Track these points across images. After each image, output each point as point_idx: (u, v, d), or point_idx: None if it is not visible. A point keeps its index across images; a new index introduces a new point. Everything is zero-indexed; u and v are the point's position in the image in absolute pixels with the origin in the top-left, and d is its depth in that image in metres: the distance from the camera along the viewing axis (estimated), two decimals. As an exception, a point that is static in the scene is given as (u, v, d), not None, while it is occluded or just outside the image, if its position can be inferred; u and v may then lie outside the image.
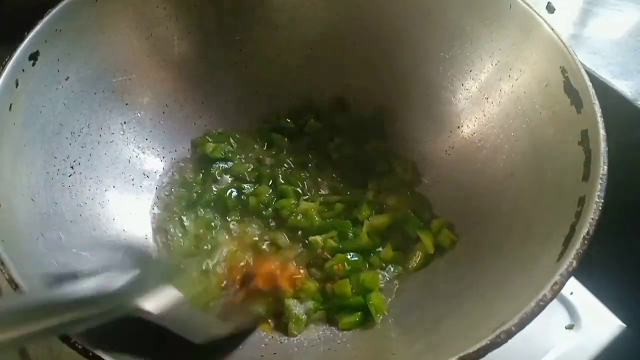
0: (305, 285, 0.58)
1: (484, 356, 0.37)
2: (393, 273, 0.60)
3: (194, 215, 0.64)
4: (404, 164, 0.67)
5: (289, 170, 0.68)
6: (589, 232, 0.41)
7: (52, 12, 0.53)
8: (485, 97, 0.61)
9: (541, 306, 0.38)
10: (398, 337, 0.53)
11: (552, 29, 0.53)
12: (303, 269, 0.60)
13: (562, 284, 0.39)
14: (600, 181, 0.43)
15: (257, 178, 0.67)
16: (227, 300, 0.57)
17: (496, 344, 0.37)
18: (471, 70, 0.62)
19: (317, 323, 0.57)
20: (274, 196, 0.66)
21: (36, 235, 0.48)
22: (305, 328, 0.56)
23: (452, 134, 0.64)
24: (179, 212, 0.64)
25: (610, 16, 0.79)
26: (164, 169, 0.66)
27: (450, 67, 0.63)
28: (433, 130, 0.66)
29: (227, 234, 0.63)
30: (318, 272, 0.60)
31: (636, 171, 0.65)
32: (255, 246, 0.62)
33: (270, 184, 0.67)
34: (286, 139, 0.71)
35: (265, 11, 0.67)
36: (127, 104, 0.63)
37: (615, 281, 0.65)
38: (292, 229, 0.63)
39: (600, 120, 0.47)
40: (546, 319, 0.60)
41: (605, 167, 0.44)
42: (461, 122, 0.64)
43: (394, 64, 0.67)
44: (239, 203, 0.65)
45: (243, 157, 0.69)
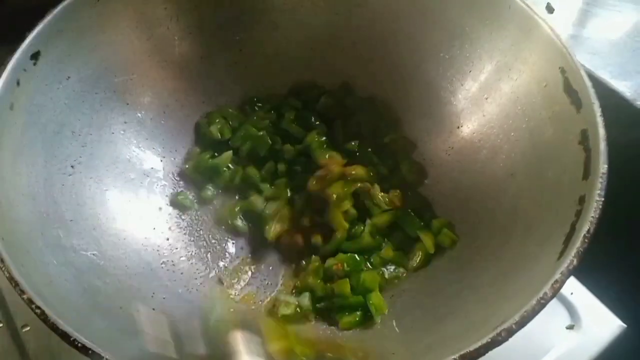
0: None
1: (484, 354, 0.37)
2: (393, 273, 0.60)
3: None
4: (410, 164, 0.67)
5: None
6: (589, 230, 0.41)
7: (53, 12, 0.53)
8: (485, 97, 0.61)
9: (542, 304, 0.38)
10: (398, 336, 0.53)
11: (552, 29, 0.53)
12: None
13: (563, 282, 0.39)
14: (600, 180, 0.43)
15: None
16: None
17: (497, 342, 0.37)
18: (471, 71, 0.62)
19: (310, 319, 0.57)
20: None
21: (36, 234, 0.48)
22: (297, 319, 0.57)
23: (452, 134, 0.65)
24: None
25: (609, 17, 0.79)
26: (164, 168, 0.66)
27: (450, 67, 0.63)
28: (433, 130, 0.66)
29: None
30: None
31: (636, 171, 0.65)
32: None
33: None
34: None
35: (265, 11, 0.67)
36: (128, 104, 0.63)
37: (615, 281, 0.65)
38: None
39: (599, 119, 0.47)
40: (546, 319, 0.60)
41: (606, 166, 0.44)
42: (461, 122, 0.64)
43: (394, 64, 0.67)
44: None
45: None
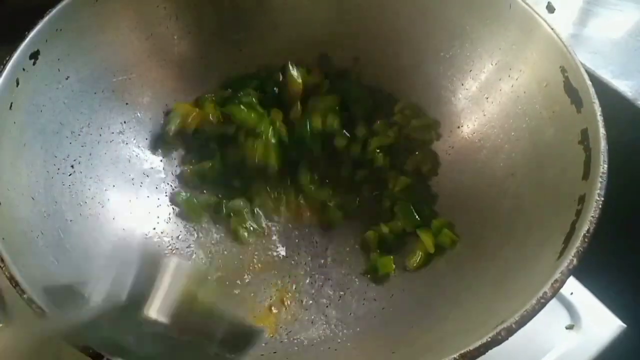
0: None
1: (484, 353, 0.37)
2: (393, 273, 0.60)
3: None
4: (426, 154, 0.66)
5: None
6: (589, 230, 0.41)
7: (53, 12, 0.53)
8: (485, 97, 0.61)
9: (542, 303, 0.38)
10: (398, 336, 0.53)
11: (552, 28, 0.53)
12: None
13: (563, 282, 0.39)
14: (600, 179, 0.43)
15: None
16: None
17: (497, 341, 0.37)
18: (471, 70, 0.62)
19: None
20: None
21: (36, 233, 0.48)
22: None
23: (452, 134, 0.65)
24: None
25: (611, 16, 0.79)
26: (164, 169, 0.65)
27: (450, 67, 0.63)
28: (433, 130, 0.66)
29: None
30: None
31: (636, 171, 0.65)
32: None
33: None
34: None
35: (265, 11, 0.67)
36: (127, 104, 0.63)
37: (615, 281, 0.64)
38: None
39: (600, 119, 0.47)
40: (546, 319, 0.60)
41: (606, 166, 0.44)
42: (461, 122, 0.64)
43: (394, 64, 0.67)
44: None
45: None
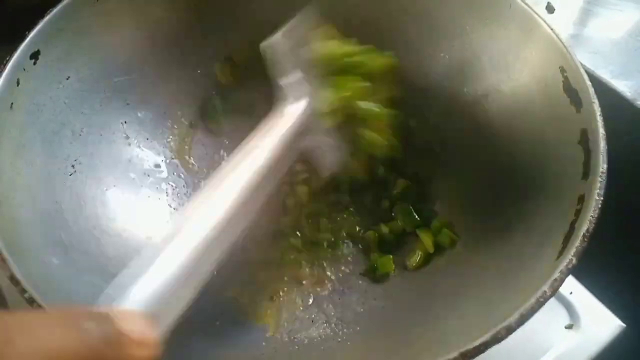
0: None
1: (484, 351, 0.37)
2: (393, 273, 0.60)
3: None
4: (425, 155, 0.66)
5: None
6: (588, 229, 0.41)
7: (53, 12, 0.53)
8: (484, 97, 0.61)
9: (541, 302, 0.38)
10: (398, 334, 0.53)
11: (552, 29, 0.53)
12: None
13: (562, 281, 0.39)
14: (599, 179, 0.43)
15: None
16: None
17: (496, 339, 0.37)
18: (471, 71, 0.62)
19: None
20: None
21: (37, 233, 0.48)
22: None
23: (452, 134, 0.64)
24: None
25: (611, 16, 0.79)
26: (165, 169, 0.66)
27: (450, 67, 0.63)
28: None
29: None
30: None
31: (636, 171, 0.65)
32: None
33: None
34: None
35: (265, 11, 0.67)
36: (128, 104, 0.63)
37: (614, 281, 0.65)
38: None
39: (599, 119, 0.47)
40: (546, 318, 0.61)
41: (605, 165, 0.44)
42: (461, 122, 0.64)
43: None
44: None
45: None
